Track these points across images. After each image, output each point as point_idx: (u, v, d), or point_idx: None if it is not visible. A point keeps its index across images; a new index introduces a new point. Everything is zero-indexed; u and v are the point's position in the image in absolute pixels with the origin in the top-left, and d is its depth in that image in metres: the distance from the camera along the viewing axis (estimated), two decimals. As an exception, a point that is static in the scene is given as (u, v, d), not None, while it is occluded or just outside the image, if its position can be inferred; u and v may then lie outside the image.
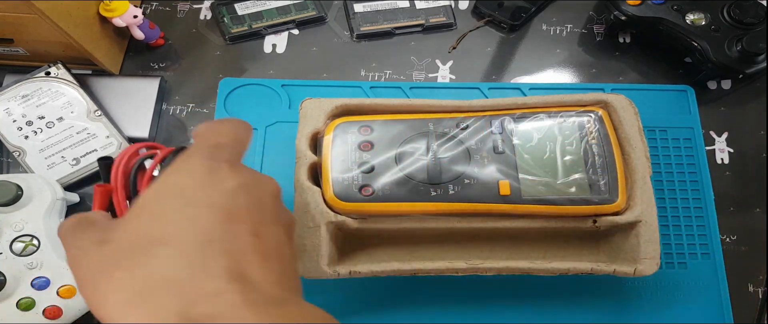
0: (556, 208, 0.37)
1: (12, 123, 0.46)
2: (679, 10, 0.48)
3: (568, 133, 0.39)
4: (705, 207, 0.46)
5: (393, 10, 0.53)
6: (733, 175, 0.48)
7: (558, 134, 0.39)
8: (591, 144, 0.38)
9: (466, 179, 0.37)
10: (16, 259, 0.40)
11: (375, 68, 0.52)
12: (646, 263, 0.37)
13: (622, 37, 0.53)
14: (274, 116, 0.49)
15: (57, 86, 0.47)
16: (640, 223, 0.37)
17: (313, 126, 0.40)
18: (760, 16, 0.47)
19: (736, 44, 0.46)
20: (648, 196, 0.38)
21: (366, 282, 0.41)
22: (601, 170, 0.37)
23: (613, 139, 0.39)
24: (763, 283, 0.44)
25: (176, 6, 0.55)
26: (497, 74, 0.52)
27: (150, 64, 0.52)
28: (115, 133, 0.47)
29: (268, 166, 0.47)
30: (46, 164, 0.46)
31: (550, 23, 0.54)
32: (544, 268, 0.38)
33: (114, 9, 0.47)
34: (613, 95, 0.41)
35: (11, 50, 0.48)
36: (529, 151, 0.38)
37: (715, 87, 0.51)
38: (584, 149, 0.38)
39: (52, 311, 0.40)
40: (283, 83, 0.50)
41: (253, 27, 0.53)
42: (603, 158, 0.38)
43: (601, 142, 0.38)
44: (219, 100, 0.49)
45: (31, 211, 0.41)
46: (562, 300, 0.43)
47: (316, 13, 0.53)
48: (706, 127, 0.49)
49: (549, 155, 0.38)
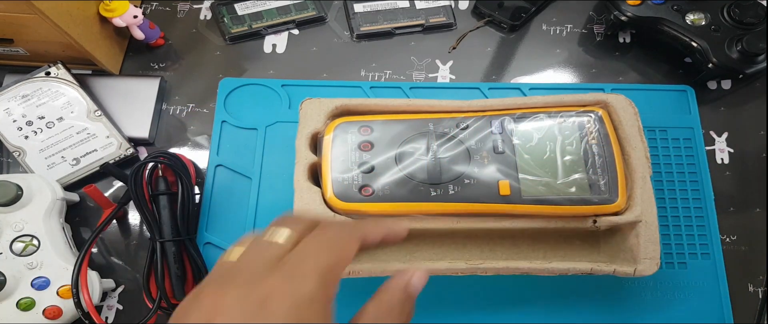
0: (556, 208, 0.37)
1: (12, 123, 0.46)
2: (679, 10, 0.48)
3: (568, 133, 0.39)
4: (705, 207, 0.46)
5: (393, 10, 0.53)
6: (733, 175, 0.48)
7: (558, 134, 0.39)
8: (591, 144, 0.38)
9: (466, 179, 0.37)
10: (16, 259, 0.40)
11: (375, 68, 0.52)
12: (646, 263, 0.37)
13: (622, 37, 0.53)
14: (274, 116, 0.49)
15: (57, 86, 0.47)
16: (640, 223, 0.37)
17: (313, 126, 0.40)
18: (760, 16, 0.47)
19: (736, 44, 0.46)
20: (648, 196, 0.38)
21: (366, 282, 0.41)
22: (601, 170, 0.37)
23: (613, 139, 0.39)
24: (763, 283, 0.44)
25: (176, 6, 0.55)
26: (497, 74, 0.52)
27: (150, 64, 0.52)
28: (115, 133, 0.47)
29: (268, 166, 0.47)
30: (46, 164, 0.46)
31: (550, 23, 0.54)
32: (544, 268, 0.38)
33: (114, 9, 0.47)
34: (613, 95, 0.41)
35: (11, 50, 0.48)
36: (529, 151, 0.38)
37: (715, 87, 0.51)
38: (584, 149, 0.38)
39: (52, 311, 0.40)
40: (283, 83, 0.50)
41: (253, 27, 0.53)
42: (603, 158, 0.38)
43: (601, 142, 0.38)
44: (219, 100, 0.49)
45: (31, 211, 0.41)
46: (562, 300, 0.43)
47: (316, 13, 0.53)
48: (706, 127, 0.49)
49: (549, 155, 0.38)
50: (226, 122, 0.48)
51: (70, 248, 0.43)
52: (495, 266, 0.38)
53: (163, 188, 0.43)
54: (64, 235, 0.43)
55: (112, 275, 0.44)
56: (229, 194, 0.46)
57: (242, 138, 0.48)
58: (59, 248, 0.41)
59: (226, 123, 0.48)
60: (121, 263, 0.45)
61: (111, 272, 0.45)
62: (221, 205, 0.46)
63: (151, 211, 0.42)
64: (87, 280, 0.40)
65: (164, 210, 0.43)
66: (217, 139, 0.48)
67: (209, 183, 0.47)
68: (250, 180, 0.46)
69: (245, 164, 0.47)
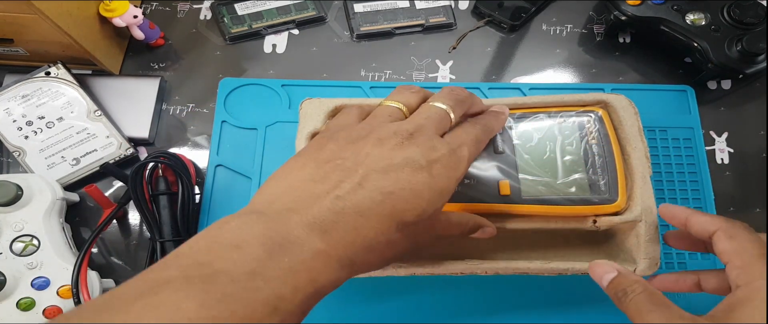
0: (556, 208, 0.37)
1: (12, 123, 0.46)
2: (679, 10, 0.48)
3: (568, 133, 0.39)
4: (705, 207, 0.46)
5: (393, 10, 0.53)
6: (733, 175, 0.48)
7: (558, 134, 0.39)
8: (591, 144, 0.38)
9: (466, 179, 0.37)
10: (16, 259, 0.40)
11: (375, 68, 0.52)
12: (645, 263, 0.37)
13: (622, 37, 0.53)
14: (274, 116, 0.49)
15: (57, 86, 0.47)
16: (640, 223, 0.37)
17: (313, 126, 0.40)
18: (760, 16, 0.47)
19: (736, 44, 0.46)
20: (648, 196, 0.38)
21: (365, 282, 0.41)
22: (601, 170, 0.37)
23: (613, 139, 0.39)
24: (763, 283, 0.44)
25: (176, 6, 0.55)
26: (497, 74, 0.52)
27: (150, 64, 0.52)
28: (115, 133, 0.47)
29: (267, 166, 0.47)
30: (46, 164, 0.46)
31: (550, 23, 0.54)
32: (544, 268, 0.37)
33: (114, 9, 0.47)
34: (613, 95, 0.41)
35: (11, 50, 0.48)
36: (529, 151, 0.38)
37: (715, 87, 0.51)
38: (584, 149, 0.38)
39: (52, 311, 0.40)
40: (283, 83, 0.50)
41: (253, 27, 0.53)
42: (603, 158, 0.38)
43: (601, 141, 0.38)
44: (219, 100, 0.49)
45: (31, 211, 0.41)
46: (562, 300, 0.43)
47: (316, 13, 0.53)
48: (706, 127, 0.49)
49: (549, 155, 0.38)
50: (226, 122, 0.48)
51: (70, 248, 0.43)
52: (495, 266, 0.38)
53: (164, 188, 0.43)
54: (64, 235, 0.43)
55: (112, 275, 0.44)
56: (229, 194, 0.46)
57: (242, 138, 0.48)
58: (59, 248, 0.41)
59: (226, 123, 0.48)
60: (121, 263, 0.45)
61: (111, 272, 0.45)
62: (221, 205, 0.46)
63: (151, 211, 0.42)
64: (87, 280, 0.40)
65: (164, 210, 0.43)
66: (217, 139, 0.48)
67: (209, 183, 0.47)
68: (250, 180, 0.47)
69: (245, 164, 0.47)
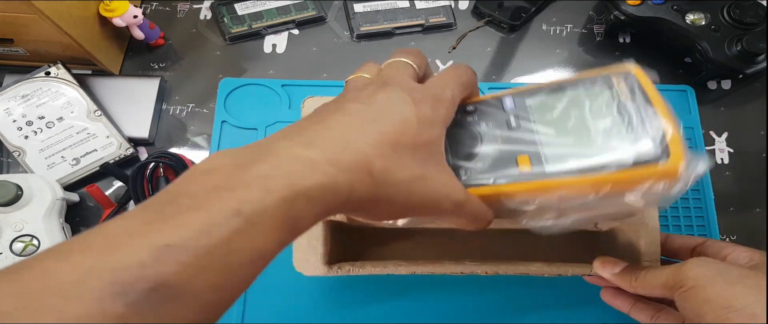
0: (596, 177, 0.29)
1: (12, 123, 0.46)
2: (679, 10, 0.48)
3: (595, 97, 0.32)
4: (705, 207, 0.46)
5: (393, 10, 0.53)
6: (733, 175, 0.48)
7: (585, 98, 0.32)
8: (624, 102, 0.31)
9: (479, 161, 0.31)
10: (16, 259, 0.40)
11: (375, 68, 0.52)
12: (646, 264, 0.37)
13: (622, 37, 0.53)
14: (274, 116, 0.49)
15: (57, 86, 0.47)
16: (640, 223, 0.37)
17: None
18: (760, 16, 0.47)
19: (736, 44, 0.46)
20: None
21: (365, 281, 0.41)
22: (642, 128, 0.29)
23: (653, 93, 0.30)
24: (763, 283, 0.44)
25: (176, 6, 0.55)
26: (497, 74, 0.52)
27: (150, 64, 0.52)
28: (115, 133, 0.47)
29: (268, 166, 0.47)
30: (46, 164, 0.46)
31: (550, 23, 0.54)
32: (544, 270, 0.37)
33: (114, 9, 0.47)
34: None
35: (11, 50, 0.48)
36: (551, 122, 0.32)
37: (715, 87, 0.51)
38: (618, 110, 0.31)
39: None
40: (283, 83, 0.50)
41: (253, 27, 0.53)
42: (641, 115, 0.30)
43: (638, 99, 0.30)
44: (219, 100, 0.49)
45: (31, 211, 0.41)
46: (562, 300, 0.43)
47: (316, 13, 0.53)
48: (706, 127, 0.49)
49: (576, 122, 0.31)
50: (226, 122, 0.48)
51: (70, 248, 0.43)
52: (494, 267, 0.37)
53: (163, 188, 0.43)
54: (64, 235, 0.43)
55: (112, 275, 0.44)
56: (229, 194, 0.46)
57: (242, 138, 0.48)
58: (59, 248, 0.41)
59: (226, 123, 0.48)
60: (121, 263, 0.45)
61: (111, 272, 0.45)
62: (221, 205, 0.46)
63: (151, 211, 0.42)
64: (87, 280, 0.40)
65: (164, 210, 0.43)
66: (217, 139, 0.48)
67: (209, 183, 0.46)
68: (250, 180, 0.46)
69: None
